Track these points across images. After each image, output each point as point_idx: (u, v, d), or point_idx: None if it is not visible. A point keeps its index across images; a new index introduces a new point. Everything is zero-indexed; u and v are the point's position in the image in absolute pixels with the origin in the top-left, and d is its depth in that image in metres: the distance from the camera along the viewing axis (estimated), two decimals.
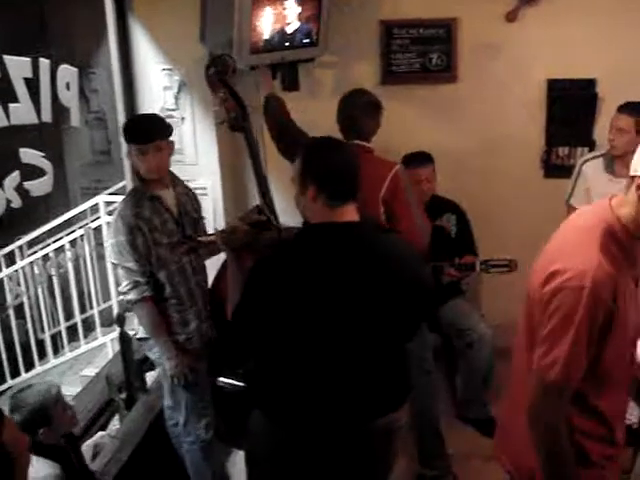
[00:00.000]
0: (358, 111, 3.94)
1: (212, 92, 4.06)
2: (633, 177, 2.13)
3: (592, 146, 4.86)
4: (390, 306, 2.62)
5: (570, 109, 4.80)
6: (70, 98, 3.45)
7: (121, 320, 4.12)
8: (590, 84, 4.81)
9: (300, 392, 2.67)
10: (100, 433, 4.02)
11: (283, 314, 2.55)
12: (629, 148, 4.32)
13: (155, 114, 3.96)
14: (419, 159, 4.62)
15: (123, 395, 4.17)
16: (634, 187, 2.12)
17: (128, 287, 3.51)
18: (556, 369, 2.14)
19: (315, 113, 5.02)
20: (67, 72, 3.44)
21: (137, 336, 3.78)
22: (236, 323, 2.72)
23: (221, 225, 4.23)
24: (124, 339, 4.08)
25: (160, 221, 3.58)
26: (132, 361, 4.14)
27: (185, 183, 3.87)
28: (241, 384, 3.91)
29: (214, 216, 4.65)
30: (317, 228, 2.65)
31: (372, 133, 3.99)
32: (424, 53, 4.93)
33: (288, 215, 3.97)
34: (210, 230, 3.81)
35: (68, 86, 3.42)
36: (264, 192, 4.06)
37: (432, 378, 4.18)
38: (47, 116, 3.28)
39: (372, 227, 2.78)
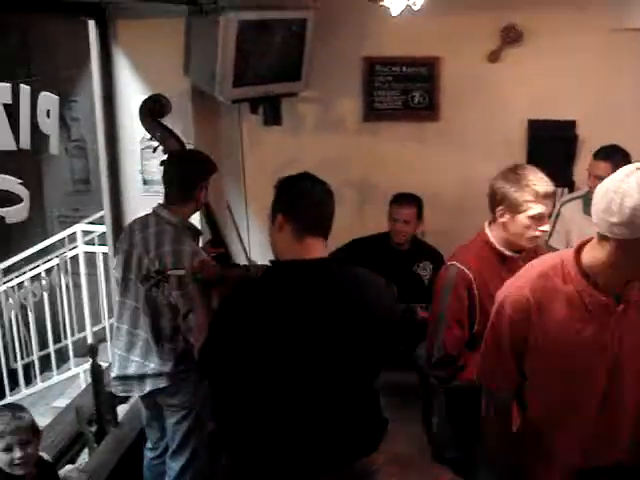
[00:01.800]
0: None
1: (149, 133, 4.06)
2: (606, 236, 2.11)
3: (571, 187, 4.88)
4: (356, 344, 2.55)
5: (550, 149, 4.81)
6: (50, 126, 3.40)
7: (93, 351, 4.06)
8: (570, 125, 4.84)
9: (270, 437, 2.58)
10: (68, 466, 3.94)
11: (249, 354, 2.48)
12: None
13: None
14: (401, 199, 4.61)
15: (93, 428, 4.10)
16: (614, 246, 2.11)
17: None
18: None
19: (297, 148, 5.06)
20: (48, 99, 3.40)
21: (159, 386, 3.59)
22: (202, 363, 2.67)
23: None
24: (96, 370, 4.01)
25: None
26: (103, 393, 4.06)
27: None
28: None
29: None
30: (284, 266, 2.58)
31: None
32: (407, 91, 4.95)
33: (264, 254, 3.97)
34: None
35: (48, 113, 3.38)
36: (214, 225, 4.05)
37: None
38: (26, 143, 3.24)
39: (340, 263, 2.68)
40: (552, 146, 4.84)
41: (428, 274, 4.71)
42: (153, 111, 3.97)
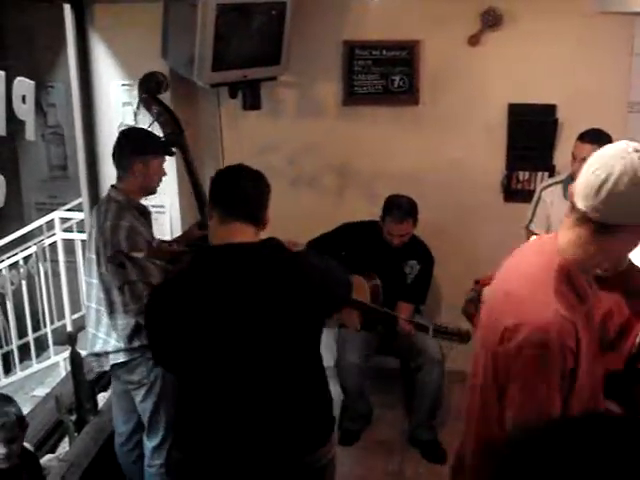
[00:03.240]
0: None
1: (146, 110, 4.08)
2: (585, 213, 2.04)
3: (552, 171, 4.88)
4: (273, 329, 2.56)
5: (530, 134, 4.81)
6: (26, 111, 3.37)
7: (72, 339, 4.02)
8: (551, 109, 4.83)
9: (214, 426, 2.62)
10: (48, 456, 3.92)
11: (179, 340, 2.56)
12: None
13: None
14: (397, 214, 4.54)
15: (73, 417, 4.06)
16: (585, 224, 2.05)
17: None
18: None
19: (277, 132, 5.04)
20: (23, 85, 3.36)
21: (117, 361, 3.70)
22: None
23: None
24: (75, 359, 3.98)
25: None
26: (83, 381, 4.04)
27: None
28: None
29: (172, 234, 4.58)
30: (205, 251, 2.74)
31: None
32: (386, 75, 4.91)
33: None
34: None
35: (24, 99, 3.35)
36: (203, 208, 4.06)
37: None
38: (1, 129, 3.20)
39: (268, 247, 2.64)
40: (532, 130, 4.84)
41: (413, 274, 4.71)
42: (150, 87, 3.97)
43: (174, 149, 3.96)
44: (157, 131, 3.96)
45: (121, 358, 3.68)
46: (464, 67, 4.84)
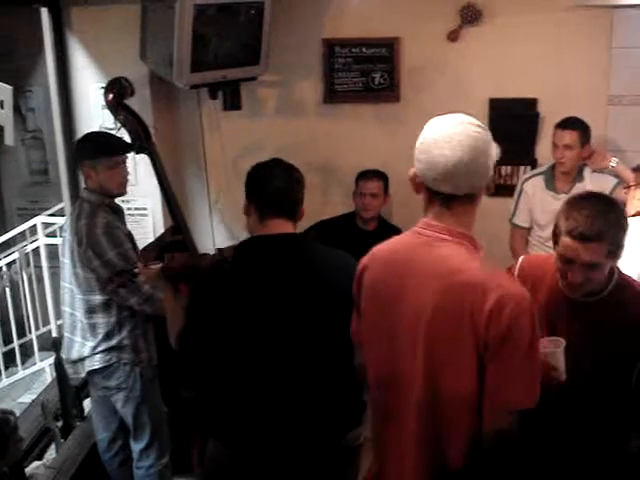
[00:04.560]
0: None
1: (113, 116, 4.06)
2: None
3: (534, 165, 4.88)
4: (321, 314, 2.63)
5: (512, 128, 4.79)
6: (4, 117, 3.35)
7: (57, 345, 3.99)
8: (532, 103, 4.83)
9: (253, 414, 2.65)
10: (35, 463, 3.88)
11: (227, 331, 2.60)
12: (576, 163, 4.40)
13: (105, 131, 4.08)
14: (367, 173, 4.70)
15: (59, 423, 4.04)
16: (476, 201, 2.24)
17: None
18: (533, 399, 2.08)
19: (258, 132, 5.02)
20: (1, 90, 3.34)
21: (93, 367, 3.70)
22: (183, 349, 2.76)
23: None
24: (60, 365, 3.95)
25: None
26: (69, 387, 4.01)
27: None
28: None
29: (154, 236, 4.56)
30: (250, 241, 2.72)
31: None
32: (367, 72, 4.90)
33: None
34: None
35: (2, 104, 3.33)
36: (174, 212, 4.06)
37: None
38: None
39: (306, 238, 2.89)
40: (514, 124, 4.83)
41: None
42: (115, 93, 3.93)
43: (143, 155, 3.97)
44: (126, 138, 3.96)
45: (97, 364, 3.68)
46: (444, 63, 4.84)
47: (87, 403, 4.21)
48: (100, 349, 3.66)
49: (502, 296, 2.04)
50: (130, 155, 3.87)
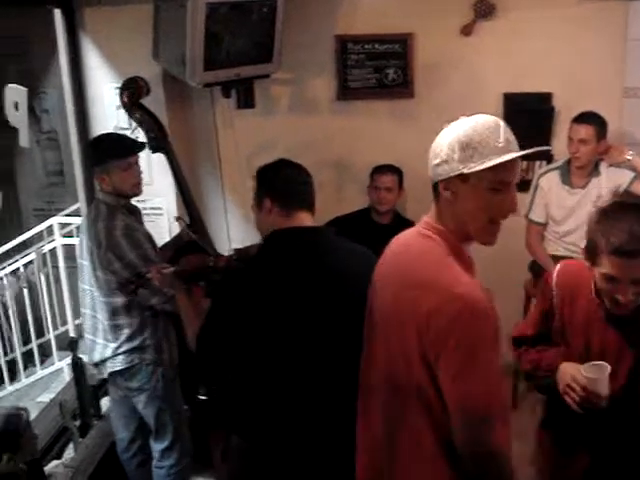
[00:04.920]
0: None
1: (128, 115, 4.05)
2: (436, 184, 2.17)
3: (550, 160, 4.85)
4: (353, 310, 2.55)
5: (527, 123, 4.74)
6: (19, 118, 3.38)
7: (73, 345, 4.01)
8: (547, 98, 4.81)
9: (278, 408, 2.65)
10: (54, 462, 3.91)
11: (256, 322, 2.59)
12: (592, 157, 4.37)
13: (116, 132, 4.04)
14: (382, 168, 4.72)
15: (77, 422, 4.06)
16: (441, 190, 2.15)
17: None
18: (482, 397, 1.99)
19: (272, 130, 5.02)
20: (15, 92, 3.36)
21: (115, 369, 3.69)
22: (206, 347, 2.72)
23: None
24: (77, 364, 3.97)
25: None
26: (86, 387, 4.03)
27: None
28: None
29: (170, 235, 4.57)
30: (280, 233, 2.70)
31: None
32: (380, 68, 4.89)
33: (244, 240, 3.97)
34: None
35: (17, 106, 3.35)
36: (191, 211, 4.06)
37: None
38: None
39: (332, 232, 2.85)
40: (529, 119, 4.79)
41: None
42: (131, 92, 3.93)
43: (159, 154, 3.96)
44: (142, 137, 3.97)
45: (119, 365, 3.66)
46: (458, 58, 4.82)
47: (105, 402, 4.24)
48: (122, 350, 3.64)
49: (444, 298, 1.99)
50: (144, 155, 3.89)
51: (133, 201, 3.79)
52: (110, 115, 4.59)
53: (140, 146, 3.76)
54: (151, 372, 3.68)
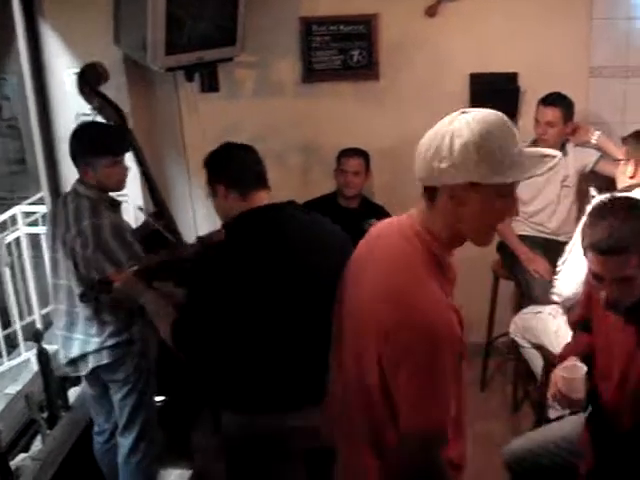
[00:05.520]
0: None
1: (87, 102, 3.93)
2: (436, 188, 1.98)
3: None
4: (328, 281, 2.57)
5: (493, 103, 4.67)
6: None
7: (38, 336, 3.95)
8: (512, 77, 4.79)
9: (266, 377, 2.70)
10: (21, 455, 3.85)
11: (240, 302, 2.61)
12: (558, 140, 4.37)
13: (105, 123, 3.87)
14: (348, 151, 4.69)
15: (45, 414, 4.00)
16: (444, 196, 1.96)
17: None
18: (436, 422, 1.96)
19: (237, 114, 4.97)
20: None
21: (101, 362, 3.58)
22: (190, 330, 2.72)
23: None
24: (42, 355, 3.91)
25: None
26: (52, 378, 3.96)
27: None
28: None
29: (135, 224, 4.50)
30: (246, 215, 2.74)
31: None
32: (345, 50, 4.85)
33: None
34: None
35: None
36: (156, 198, 4.00)
37: None
38: None
39: (294, 205, 2.89)
40: (495, 99, 4.73)
41: None
42: (89, 79, 3.84)
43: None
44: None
45: (105, 359, 3.56)
46: (423, 39, 4.80)
47: (72, 393, 4.18)
48: (108, 344, 3.54)
49: (405, 319, 1.93)
50: None
51: None
52: (71, 101, 4.49)
53: (130, 144, 3.69)
54: (136, 364, 3.61)
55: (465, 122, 1.92)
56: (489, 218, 1.99)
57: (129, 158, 3.89)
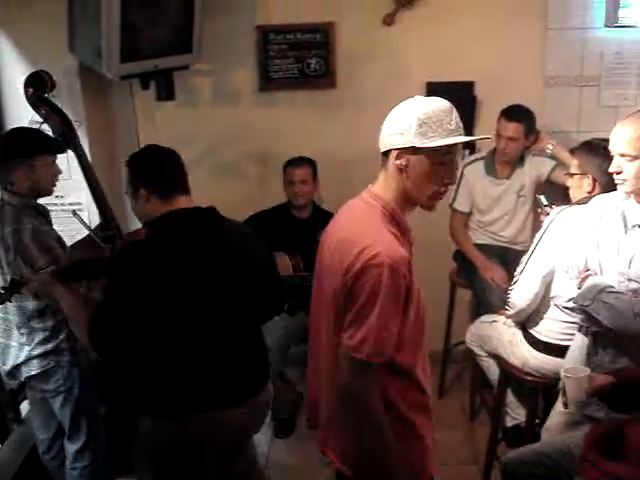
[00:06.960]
0: None
1: (35, 110, 3.85)
2: (386, 153, 2.35)
3: (473, 149, 4.87)
4: (242, 285, 2.84)
5: None
6: None
7: None
8: (469, 86, 4.83)
9: (184, 380, 2.75)
10: None
11: (154, 301, 2.66)
12: (519, 153, 4.40)
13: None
14: (294, 161, 4.67)
15: None
16: (392, 160, 2.32)
17: None
18: (366, 346, 2.20)
19: (194, 122, 4.94)
20: None
21: (30, 373, 3.55)
22: (107, 328, 2.72)
23: None
24: None
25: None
26: (3, 391, 3.90)
27: None
28: None
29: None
30: (168, 216, 2.80)
31: None
32: (302, 58, 4.85)
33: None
34: None
35: None
36: (103, 209, 3.94)
37: None
38: None
39: (213, 211, 2.94)
40: None
41: None
42: (35, 87, 3.78)
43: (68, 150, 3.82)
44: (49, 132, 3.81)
45: (34, 370, 3.54)
46: (380, 47, 4.81)
47: (24, 406, 4.11)
48: (36, 353, 3.52)
49: (360, 251, 2.20)
50: None
51: (52, 197, 3.68)
52: (25, 108, 4.38)
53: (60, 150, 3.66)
54: (67, 374, 3.57)
55: (415, 101, 2.35)
56: (430, 182, 2.33)
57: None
